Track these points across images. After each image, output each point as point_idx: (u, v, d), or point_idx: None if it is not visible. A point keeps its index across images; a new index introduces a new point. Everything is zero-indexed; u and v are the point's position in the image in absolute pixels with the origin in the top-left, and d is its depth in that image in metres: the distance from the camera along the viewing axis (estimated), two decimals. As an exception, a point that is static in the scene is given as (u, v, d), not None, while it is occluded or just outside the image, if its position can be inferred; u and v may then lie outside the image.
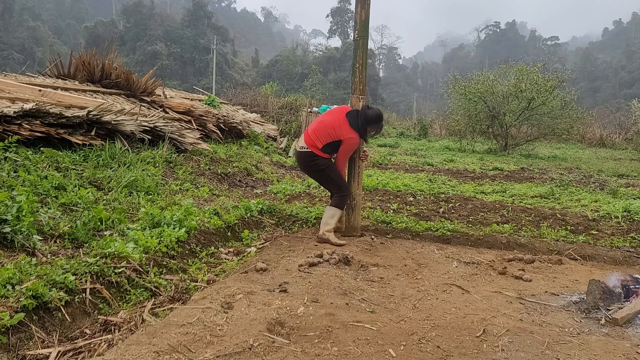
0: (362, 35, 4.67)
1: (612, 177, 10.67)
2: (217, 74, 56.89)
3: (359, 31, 4.67)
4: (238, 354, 2.21)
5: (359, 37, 4.68)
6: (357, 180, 4.81)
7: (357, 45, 4.71)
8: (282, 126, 15.46)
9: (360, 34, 4.67)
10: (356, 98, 4.74)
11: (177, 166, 7.07)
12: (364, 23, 4.65)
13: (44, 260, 3.11)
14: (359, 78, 4.73)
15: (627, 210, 6.09)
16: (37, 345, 2.38)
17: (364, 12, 4.63)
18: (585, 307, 2.99)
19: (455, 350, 2.38)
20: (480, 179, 9.59)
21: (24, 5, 61.53)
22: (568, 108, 17.63)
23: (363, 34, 4.68)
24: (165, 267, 3.57)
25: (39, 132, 5.47)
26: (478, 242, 4.83)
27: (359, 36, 4.68)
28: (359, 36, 4.68)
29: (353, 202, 4.78)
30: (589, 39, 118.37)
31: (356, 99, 4.73)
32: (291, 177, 8.97)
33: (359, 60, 4.70)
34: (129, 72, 10.06)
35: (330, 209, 4.62)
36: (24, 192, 3.84)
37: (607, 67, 79.78)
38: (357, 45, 4.72)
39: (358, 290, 3.19)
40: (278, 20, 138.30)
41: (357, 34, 4.70)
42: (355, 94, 4.74)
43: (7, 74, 8.99)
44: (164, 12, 77.89)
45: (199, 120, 9.92)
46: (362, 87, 4.74)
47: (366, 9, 4.63)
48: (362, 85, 4.74)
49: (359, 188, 4.82)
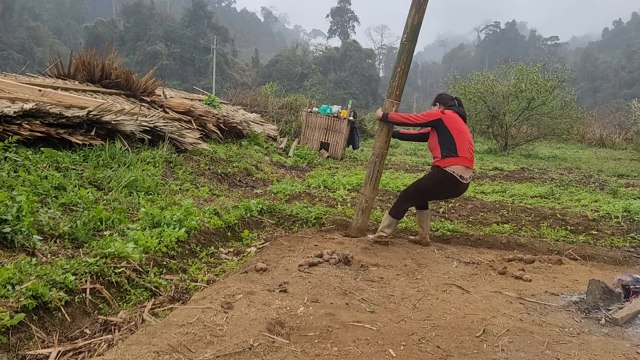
0: (410, 40, 4.48)
1: (612, 177, 10.67)
2: (217, 74, 56.88)
3: (407, 35, 4.48)
4: (238, 354, 2.21)
5: (407, 41, 4.50)
6: (373, 184, 4.72)
7: (403, 48, 4.53)
8: (282, 126, 15.46)
9: (409, 38, 4.48)
10: (390, 102, 4.58)
11: (177, 166, 7.07)
12: (415, 28, 4.46)
13: (44, 260, 3.11)
14: (398, 83, 4.54)
15: (627, 210, 6.09)
16: (37, 345, 2.38)
17: (418, 16, 4.44)
18: (585, 307, 2.99)
19: (455, 350, 2.37)
20: (480, 179, 9.59)
21: (24, 5, 61.49)
22: (568, 108, 17.64)
23: (412, 38, 4.47)
24: (165, 267, 3.57)
25: (39, 132, 5.47)
26: (478, 242, 4.83)
27: (407, 40, 4.49)
28: (407, 40, 4.49)
29: (364, 204, 4.73)
30: (589, 39, 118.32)
31: (390, 104, 4.57)
32: (291, 177, 8.97)
33: (401, 64, 4.51)
34: (129, 72, 10.05)
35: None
36: (24, 192, 3.84)
37: (607, 67, 79.75)
38: (402, 49, 4.54)
39: (358, 290, 3.19)
40: (278, 20, 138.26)
41: (405, 38, 4.52)
42: (390, 98, 4.58)
43: (7, 74, 8.99)
44: (164, 12, 77.88)
45: (199, 120, 9.92)
46: (398, 92, 4.55)
47: (420, 14, 4.44)
48: (398, 91, 4.55)
49: (374, 192, 4.75)
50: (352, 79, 63.73)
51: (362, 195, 4.77)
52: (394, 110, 4.55)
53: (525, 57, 42.53)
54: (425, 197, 4.50)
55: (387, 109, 4.57)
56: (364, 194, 4.74)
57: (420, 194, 4.45)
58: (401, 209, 4.50)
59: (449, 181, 4.21)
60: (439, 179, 4.26)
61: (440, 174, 4.24)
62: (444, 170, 4.22)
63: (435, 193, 4.49)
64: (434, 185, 4.33)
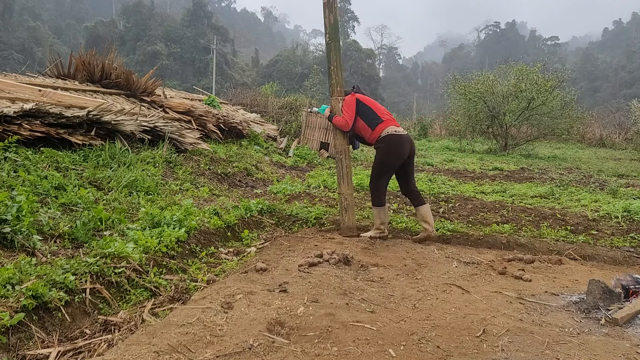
0: (333, 38, 4.75)
1: (612, 177, 10.67)
2: (217, 74, 56.87)
3: (329, 34, 4.75)
4: (238, 354, 2.21)
5: (330, 40, 4.75)
6: (346, 181, 4.84)
7: (330, 48, 4.77)
8: (282, 126, 15.45)
9: (332, 37, 4.75)
10: (335, 100, 4.79)
11: (177, 166, 7.07)
12: (333, 26, 4.73)
13: (44, 260, 3.11)
14: (336, 80, 4.77)
15: (627, 210, 6.09)
16: (37, 345, 2.38)
17: (332, 16, 4.73)
18: (585, 307, 2.99)
19: (455, 350, 2.37)
20: (480, 179, 9.59)
21: (24, 5, 61.48)
22: (568, 108, 17.63)
23: (334, 36, 4.75)
24: (165, 267, 3.57)
25: (39, 132, 5.47)
26: (478, 242, 4.83)
27: (330, 39, 4.75)
28: (330, 39, 4.75)
29: (345, 202, 4.80)
30: (589, 39, 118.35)
31: (335, 101, 4.79)
32: (291, 177, 8.97)
33: (333, 62, 4.76)
34: (129, 72, 10.06)
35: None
36: (24, 192, 3.84)
37: (607, 67, 79.76)
38: (329, 48, 4.78)
39: (358, 290, 3.19)
40: (278, 20, 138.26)
41: (327, 38, 4.78)
42: (333, 96, 4.80)
43: (7, 74, 8.99)
44: (164, 12, 77.86)
45: (199, 120, 9.92)
46: (339, 88, 4.79)
47: (334, 14, 4.73)
48: (339, 87, 4.79)
49: (349, 188, 4.85)
50: (352, 79, 63.65)
51: (340, 195, 4.86)
52: (340, 105, 4.75)
53: (525, 57, 42.56)
54: (389, 170, 4.64)
55: (334, 107, 4.79)
56: (342, 192, 4.83)
57: (382, 170, 4.63)
58: (377, 195, 4.66)
59: (393, 139, 4.51)
60: (385, 146, 4.53)
61: (383, 142, 4.53)
62: (383, 137, 4.53)
63: (393, 159, 4.59)
64: (386, 154, 4.55)
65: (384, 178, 4.65)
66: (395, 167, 4.63)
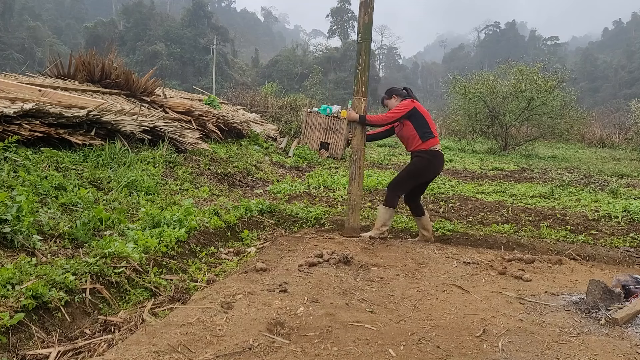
0: (365, 38, 4.71)
1: (612, 177, 10.67)
2: (217, 74, 56.87)
3: (362, 34, 4.71)
4: (238, 354, 2.21)
5: (362, 40, 4.72)
6: (357, 181, 4.82)
7: (360, 47, 4.74)
8: (282, 126, 15.45)
9: (364, 37, 4.70)
10: (358, 100, 4.77)
11: (177, 166, 7.07)
12: (367, 26, 4.69)
13: (44, 260, 3.11)
14: (362, 80, 4.76)
15: (627, 210, 6.09)
16: (37, 345, 2.38)
17: (367, 15, 4.67)
18: (585, 307, 2.99)
19: (455, 350, 2.37)
20: (480, 179, 9.59)
21: (24, 5, 61.49)
22: (568, 108, 17.64)
23: (366, 36, 4.71)
24: (165, 267, 3.57)
25: (38, 132, 5.47)
26: (478, 242, 4.83)
27: (362, 39, 4.71)
28: (362, 39, 4.71)
29: (353, 202, 4.79)
30: (589, 39, 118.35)
31: (358, 101, 4.77)
32: (291, 177, 8.97)
33: (361, 62, 4.73)
34: (129, 72, 10.05)
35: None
36: (24, 192, 3.84)
37: (607, 67, 79.76)
38: (359, 48, 4.76)
39: (358, 290, 3.18)
40: (278, 20, 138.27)
41: (360, 37, 4.74)
42: (357, 96, 4.78)
43: (7, 74, 8.99)
44: (164, 12, 77.87)
45: (198, 120, 9.92)
46: (364, 89, 4.77)
47: (369, 13, 4.67)
48: (364, 87, 4.77)
49: (359, 189, 4.83)
50: (352, 79, 63.44)
51: (350, 195, 4.85)
52: (363, 107, 4.76)
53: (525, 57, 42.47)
54: (418, 179, 4.73)
55: (357, 107, 4.77)
56: (352, 192, 4.82)
57: (413, 177, 4.69)
58: (394, 196, 4.69)
59: (437, 157, 4.65)
60: (429, 158, 4.60)
61: (430, 154, 4.60)
62: (431, 151, 4.61)
63: (429, 174, 4.75)
64: (426, 166, 4.63)
65: (409, 184, 4.74)
66: (424, 180, 4.81)
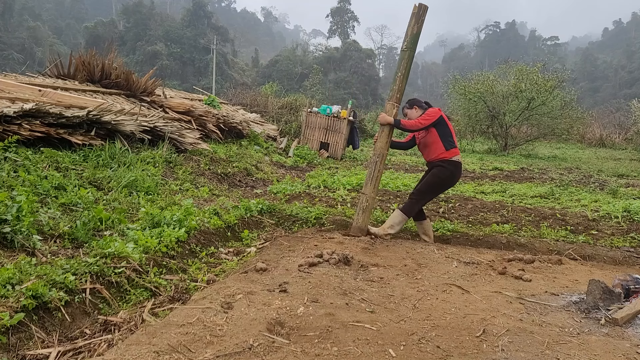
0: (410, 47, 4.75)
1: (612, 177, 10.67)
2: (217, 74, 56.85)
3: (407, 43, 4.76)
4: (238, 354, 2.21)
5: (407, 48, 4.76)
6: (374, 183, 4.82)
7: (404, 56, 4.79)
8: (282, 126, 15.45)
9: (409, 46, 4.75)
10: (391, 105, 4.79)
11: (177, 166, 7.07)
12: (414, 36, 4.73)
13: (44, 260, 3.11)
14: (399, 87, 4.78)
15: (627, 210, 6.09)
16: (37, 345, 2.38)
17: (417, 26, 4.72)
18: (585, 307, 2.99)
19: (455, 350, 2.37)
20: (480, 179, 9.59)
21: (24, 5, 61.46)
22: (568, 108, 17.65)
23: (412, 46, 4.76)
24: (165, 267, 3.57)
25: (38, 132, 5.47)
26: (478, 242, 4.83)
27: (407, 48, 4.76)
28: (407, 48, 4.76)
29: (365, 203, 4.78)
30: (589, 39, 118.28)
31: (391, 106, 4.79)
32: (291, 177, 8.97)
33: (402, 70, 4.76)
34: (129, 72, 10.05)
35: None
36: (24, 192, 3.84)
37: (607, 67, 79.73)
38: (402, 56, 4.81)
39: (358, 290, 3.18)
40: (278, 20, 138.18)
41: (405, 46, 4.79)
42: (391, 101, 4.80)
43: (7, 74, 8.99)
44: (164, 12, 77.84)
45: (198, 120, 9.91)
46: (399, 95, 4.80)
47: (419, 24, 4.72)
48: (399, 94, 4.79)
49: (374, 191, 4.83)
50: (352, 79, 63.72)
51: (363, 195, 4.82)
52: (394, 112, 4.77)
53: (525, 57, 42.49)
54: (441, 190, 4.87)
55: (389, 111, 4.77)
56: (365, 193, 4.80)
57: (436, 189, 4.79)
58: (414, 207, 4.73)
59: (458, 169, 4.71)
60: (452, 169, 4.66)
61: (452, 165, 4.65)
62: (453, 161, 4.66)
63: (450, 184, 4.84)
64: (449, 177, 4.69)
65: (432, 196, 4.83)
66: (445, 190, 4.90)
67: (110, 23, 65.36)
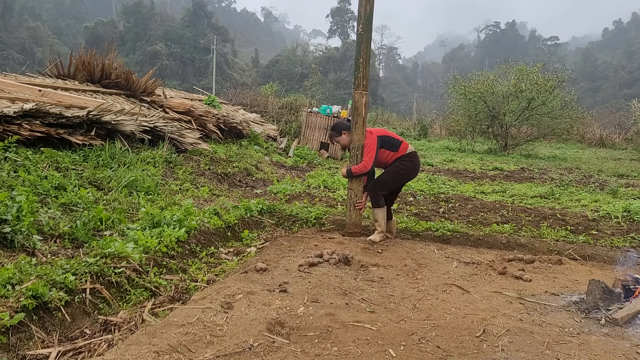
0: (366, 30, 4.58)
1: (612, 177, 10.67)
2: (217, 74, 56.84)
3: (363, 25, 4.58)
4: (238, 354, 2.21)
5: (363, 31, 4.58)
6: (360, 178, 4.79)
7: (362, 39, 4.61)
8: (282, 126, 15.45)
9: (365, 28, 4.57)
10: (359, 94, 4.65)
11: (177, 166, 7.07)
12: (368, 17, 4.56)
13: (44, 260, 3.11)
14: (363, 73, 4.62)
15: (627, 210, 6.09)
16: (37, 345, 2.38)
17: (369, 5, 4.55)
18: (585, 307, 2.99)
19: (455, 350, 2.37)
20: (480, 179, 9.59)
21: (24, 5, 61.47)
22: (568, 108, 17.63)
23: (367, 28, 4.58)
24: (165, 267, 3.57)
25: (39, 132, 5.47)
26: (478, 242, 4.83)
27: (363, 30, 4.58)
28: (363, 30, 4.58)
29: (354, 198, 4.78)
30: (589, 39, 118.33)
31: (359, 95, 4.65)
32: (291, 177, 8.97)
33: (362, 54, 4.60)
34: (129, 72, 10.05)
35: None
36: (24, 192, 3.84)
37: (607, 67, 79.74)
38: (360, 39, 4.63)
39: (358, 290, 3.18)
40: (278, 20, 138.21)
41: (361, 28, 4.60)
42: (358, 90, 4.65)
43: (7, 74, 8.99)
44: (164, 12, 77.84)
45: (199, 120, 9.92)
46: (365, 82, 4.65)
47: (371, 3, 4.56)
48: (365, 81, 4.65)
49: (359, 185, 4.81)
50: (352, 79, 63.73)
51: (350, 190, 4.82)
52: (364, 101, 4.67)
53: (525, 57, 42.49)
54: (402, 181, 4.89)
55: (357, 101, 4.68)
56: (352, 188, 4.79)
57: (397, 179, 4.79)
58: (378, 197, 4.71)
59: (416, 159, 4.79)
60: (412, 160, 4.73)
61: (410, 157, 4.73)
62: (408, 154, 4.72)
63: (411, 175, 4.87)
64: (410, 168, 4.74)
65: (392, 186, 4.79)
66: (406, 181, 4.91)
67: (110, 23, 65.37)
